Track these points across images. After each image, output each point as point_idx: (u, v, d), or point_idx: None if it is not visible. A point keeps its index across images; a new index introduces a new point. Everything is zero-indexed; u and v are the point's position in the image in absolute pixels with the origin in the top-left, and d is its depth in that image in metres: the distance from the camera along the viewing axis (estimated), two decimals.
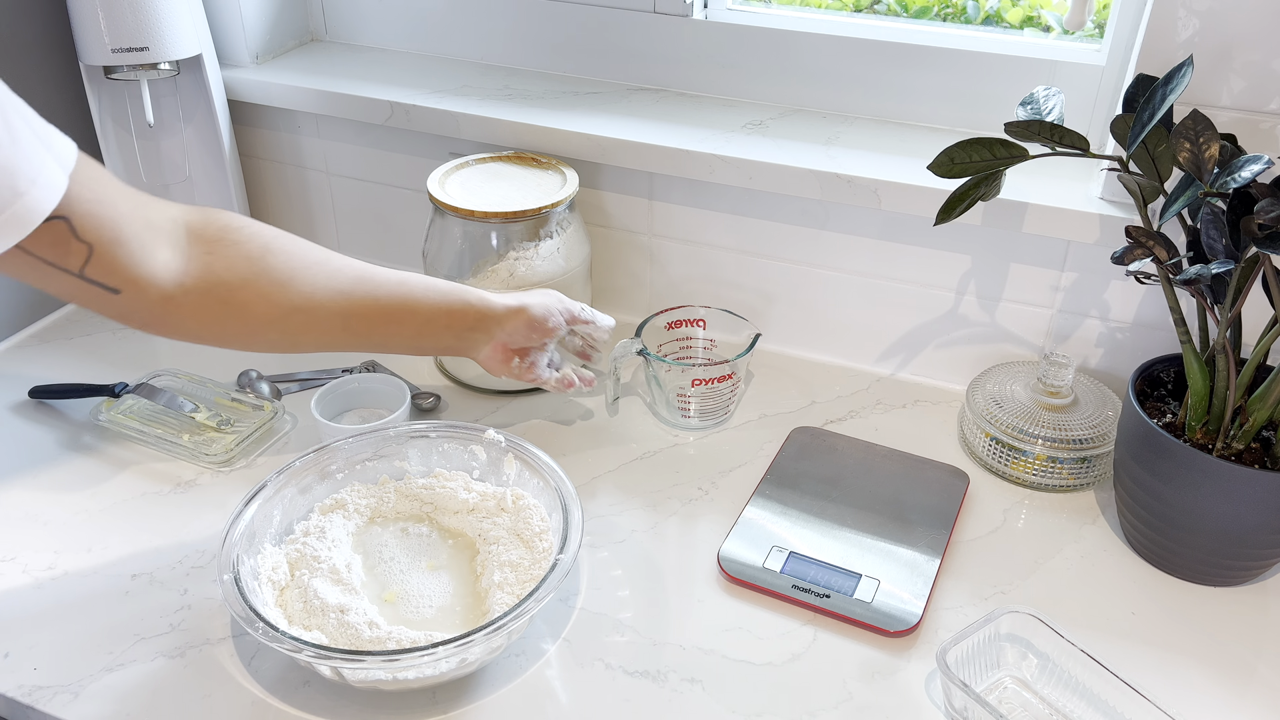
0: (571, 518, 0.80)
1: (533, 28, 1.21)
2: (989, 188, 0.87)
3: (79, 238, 0.66)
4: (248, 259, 0.77)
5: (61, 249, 0.66)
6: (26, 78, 1.12)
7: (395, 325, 0.85)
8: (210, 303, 0.75)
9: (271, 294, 0.78)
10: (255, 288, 0.77)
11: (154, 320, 0.74)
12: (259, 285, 0.77)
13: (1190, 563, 0.84)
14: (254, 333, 0.79)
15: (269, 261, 0.78)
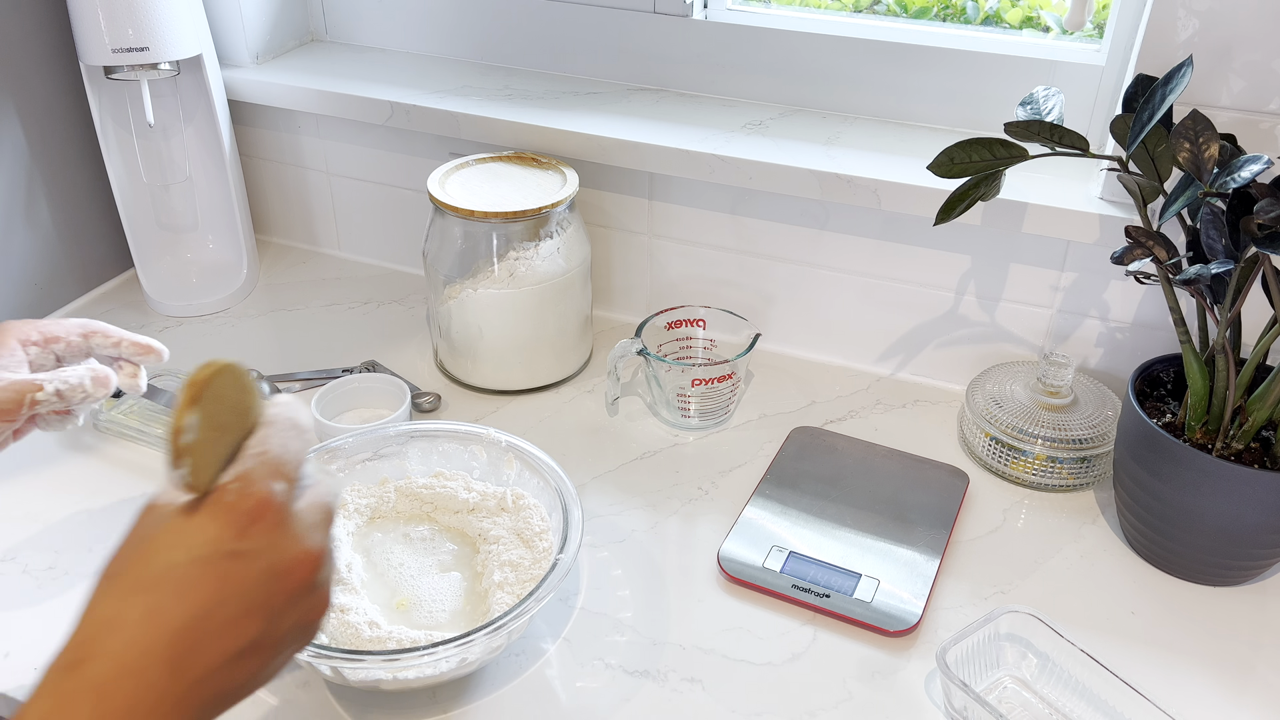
0: (571, 518, 0.80)
1: (533, 28, 1.21)
2: (989, 188, 0.87)
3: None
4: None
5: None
6: (26, 78, 1.12)
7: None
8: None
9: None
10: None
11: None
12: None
13: (1190, 563, 0.84)
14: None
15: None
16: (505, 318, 1.03)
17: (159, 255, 1.25)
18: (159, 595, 0.43)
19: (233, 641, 0.43)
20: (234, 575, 0.43)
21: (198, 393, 0.45)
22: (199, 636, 0.43)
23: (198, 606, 0.43)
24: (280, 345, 1.17)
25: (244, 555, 0.44)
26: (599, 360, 1.13)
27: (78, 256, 1.23)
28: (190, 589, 0.43)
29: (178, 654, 0.42)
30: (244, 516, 0.44)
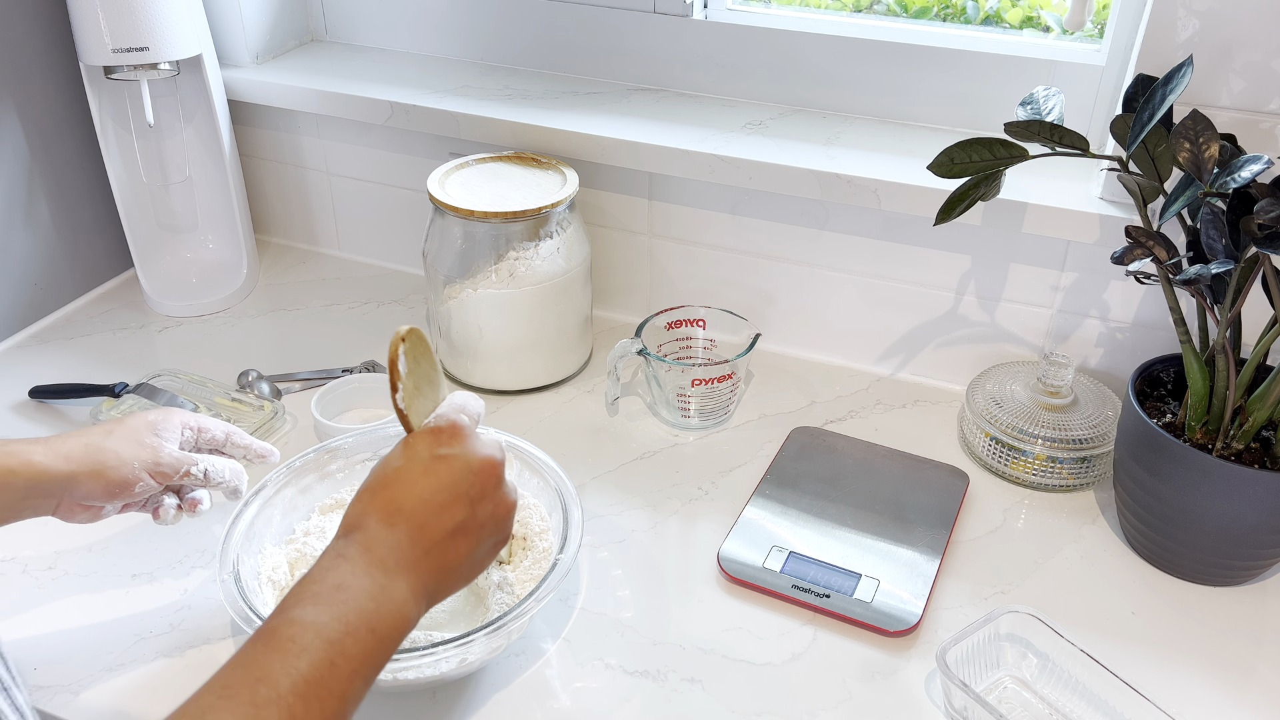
0: (571, 518, 0.80)
1: (533, 28, 1.21)
2: (989, 188, 0.87)
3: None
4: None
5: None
6: (26, 78, 1.12)
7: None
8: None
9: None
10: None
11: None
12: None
13: (1190, 563, 0.84)
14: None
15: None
16: (505, 318, 1.03)
17: (159, 255, 1.25)
18: (394, 489, 0.61)
19: (450, 518, 0.61)
20: (441, 471, 0.62)
21: (395, 354, 0.64)
22: (426, 514, 0.60)
23: (421, 492, 0.61)
24: (280, 345, 1.17)
25: (446, 458, 0.62)
26: (599, 360, 1.13)
27: (78, 256, 1.23)
28: (415, 480, 0.61)
29: (413, 526, 0.60)
30: (444, 434, 0.64)
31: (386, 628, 0.56)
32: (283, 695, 0.50)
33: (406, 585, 0.58)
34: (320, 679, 0.51)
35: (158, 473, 0.74)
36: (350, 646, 0.53)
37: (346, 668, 0.53)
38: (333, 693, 0.51)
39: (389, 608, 0.56)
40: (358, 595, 0.55)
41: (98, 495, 0.73)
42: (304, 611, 0.54)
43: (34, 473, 0.71)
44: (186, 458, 0.76)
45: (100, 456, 0.73)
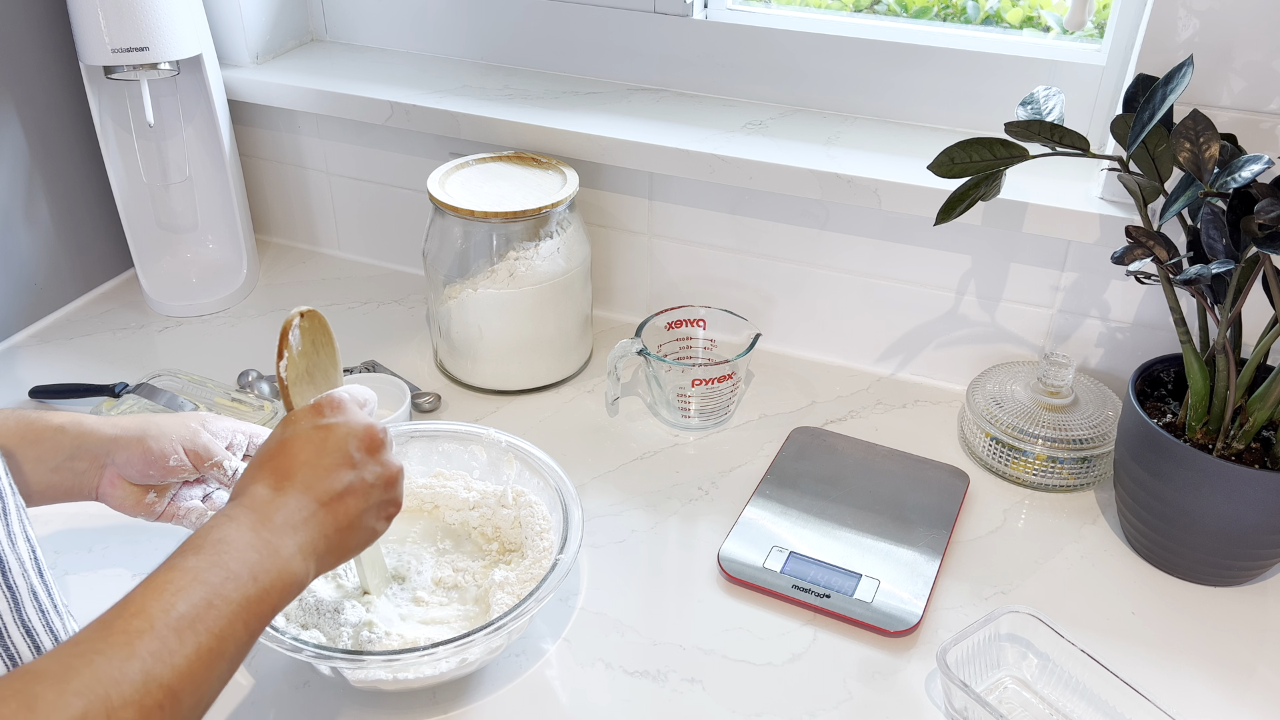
0: (571, 518, 0.80)
1: (533, 28, 1.21)
2: (989, 188, 0.87)
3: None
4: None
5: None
6: (26, 78, 1.12)
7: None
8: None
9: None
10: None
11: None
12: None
13: (1190, 563, 0.84)
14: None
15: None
16: (505, 318, 1.03)
17: (159, 255, 1.25)
18: (278, 459, 0.63)
19: (337, 480, 0.62)
20: (324, 437, 0.64)
21: (288, 326, 0.67)
22: (312, 476, 0.62)
23: (307, 458, 0.62)
24: None
25: (329, 426, 0.64)
26: (599, 360, 1.13)
27: (78, 256, 1.23)
28: (300, 448, 0.63)
29: (300, 488, 0.61)
30: (323, 406, 0.65)
31: (270, 579, 0.56)
32: (156, 628, 0.49)
33: (294, 543, 0.59)
34: (196, 615, 0.51)
35: (193, 450, 0.76)
36: (230, 590, 0.53)
37: (225, 609, 0.53)
38: (209, 630, 0.51)
39: (273, 561, 0.57)
40: (241, 548, 0.56)
41: (136, 464, 0.74)
42: (184, 560, 0.54)
43: (82, 431, 0.74)
44: (221, 449, 0.78)
45: (145, 426, 0.76)
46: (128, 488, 0.76)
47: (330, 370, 0.72)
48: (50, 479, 0.74)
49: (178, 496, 0.78)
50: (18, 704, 0.44)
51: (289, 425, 0.64)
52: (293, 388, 0.68)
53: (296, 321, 0.68)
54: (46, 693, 0.44)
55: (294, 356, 0.68)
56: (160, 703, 0.47)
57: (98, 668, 0.46)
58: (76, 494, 0.76)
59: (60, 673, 0.46)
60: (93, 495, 0.76)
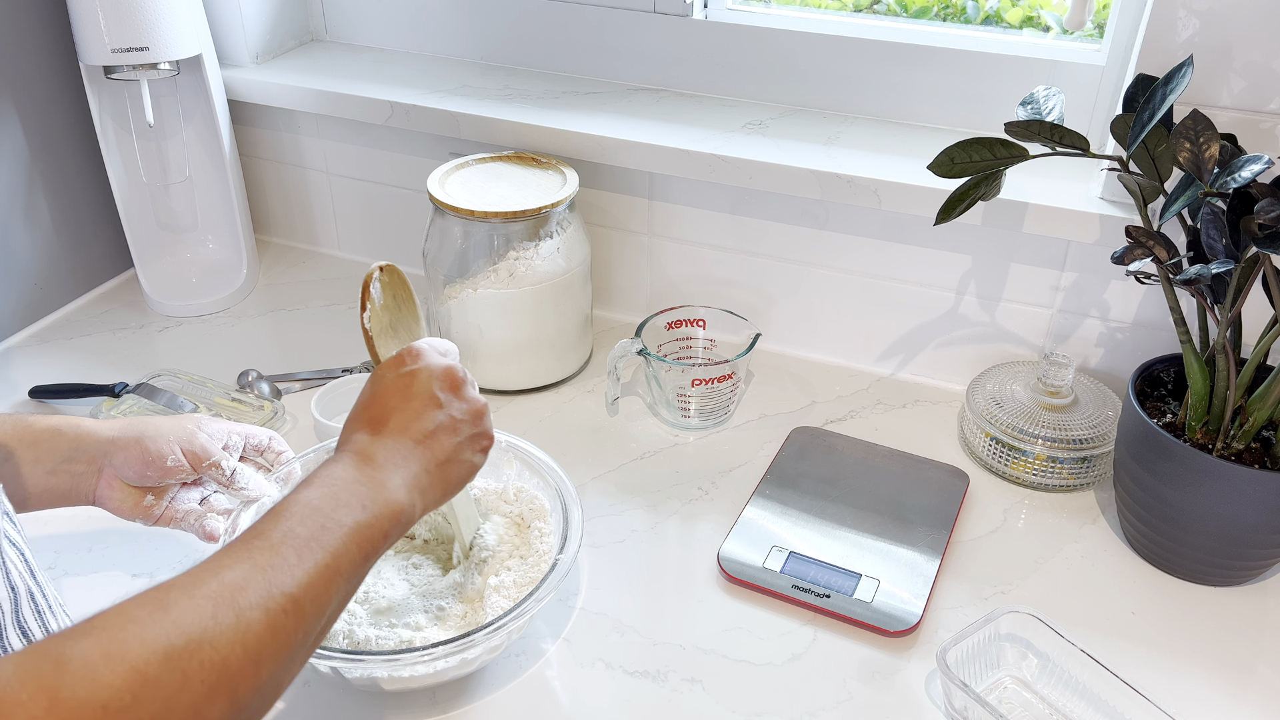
0: (571, 518, 0.80)
1: (533, 28, 1.21)
2: (989, 188, 0.87)
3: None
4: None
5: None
6: (26, 78, 1.12)
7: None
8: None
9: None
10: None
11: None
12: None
13: (1190, 563, 0.84)
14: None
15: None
16: (505, 318, 1.03)
17: (159, 255, 1.25)
18: (371, 409, 0.66)
19: (428, 419, 0.66)
20: (409, 384, 0.67)
21: (369, 280, 0.70)
22: (405, 419, 0.65)
23: (396, 403, 0.66)
24: (280, 345, 1.17)
25: (412, 373, 0.67)
26: (599, 360, 1.13)
27: (77, 256, 1.23)
28: (390, 396, 0.66)
29: (396, 430, 0.65)
30: (404, 356, 0.68)
31: (379, 508, 0.59)
32: (278, 548, 0.53)
33: (399, 478, 0.62)
34: (312, 536, 0.55)
35: (190, 451, 0.76)
36: (343, 516, 0.57)
37: (338, 531, 0.56)
38: (326, 549, 0.55)
39: (380, 493, 0.60)
40: (349, 481, 0.60)
41: (134, 465, 0.75)
42: (298, 494, 0.58)
43: (79, 433, 0.75)
44: (218, 450, 0.78)
45: (142, 428, 0.76)
46: (125, 490, 0.76)
47: (414, 325, 0.75)
48: (47, 482, 0.74)
49: (175, 499, 0.78)
50: (153, 606, 0.46)
51: (377, 378, 0.68)
52: (377, 339, 0.71)
53: (376, 275, 0.71)
54: (179, 597, 0.47)
55: (376, 309, 0.71)
56: (285, 608, 0.51)
57: (225, 578, 0.50)
58: (74, 497, 0.76)
59: (190, 583, 0.49)
60: (90, 499, 0.76)
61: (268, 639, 0.49)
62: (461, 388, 0.69)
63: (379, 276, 0.71)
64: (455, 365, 0.69)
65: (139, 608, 0.46)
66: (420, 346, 0.69)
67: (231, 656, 0.47)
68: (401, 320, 0.74)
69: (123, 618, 0.45)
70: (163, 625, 0.45)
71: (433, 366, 0.68)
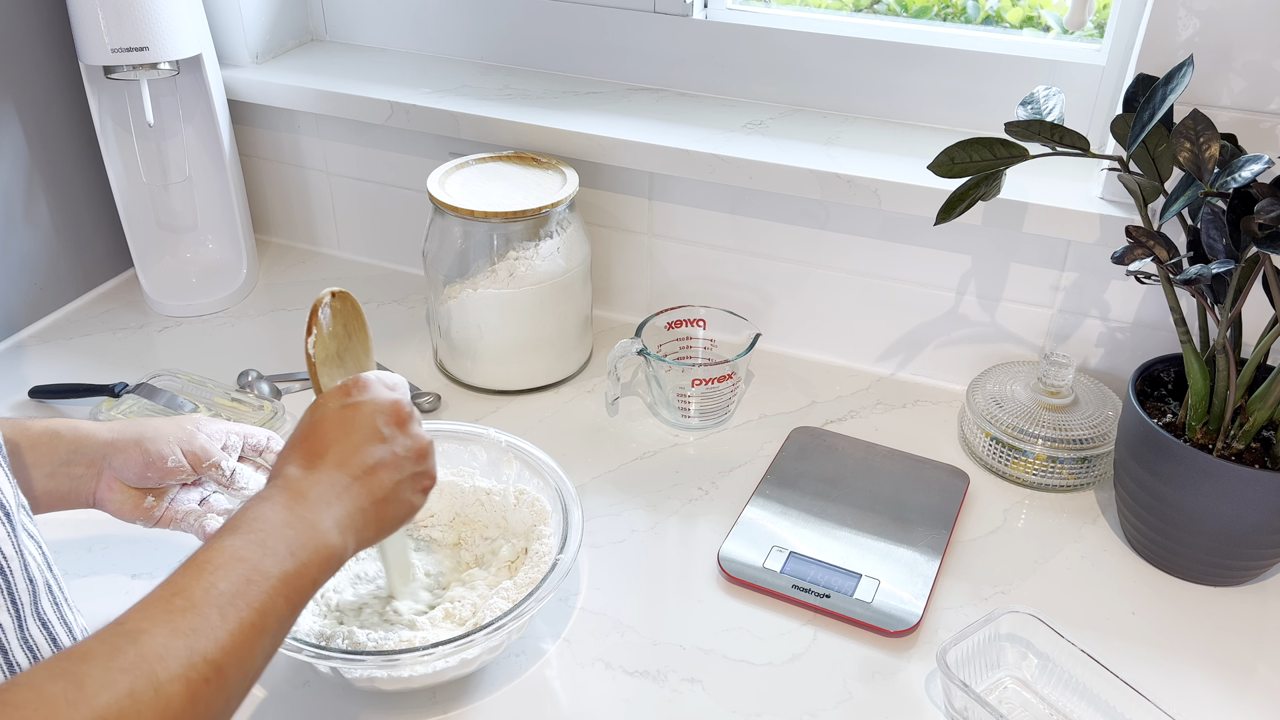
0: (571, 518, 0.80)
1: (533, 28, 1.21)
2: (989, 188, 0.87)
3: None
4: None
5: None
6: (26, 78, 1.12)
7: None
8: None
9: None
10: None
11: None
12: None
13: (1190, 563, 0.84)
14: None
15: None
16: (505, 318, 1.03)
17: (159, 255, 1.25)
18: (309, 441, 0.64)
19: (368, 455, 0.63)
20: (352, 416, 0.65)
21: (318, 305, 0.67)
22: (344, 453, 0.63)
23: (336, 436, 0.64)
24: (280, 345, 1.17)
25: (356, 404, 0.65)
26: (599, 360, 1.13)
27: (77, 256, 1.23)
28: (330, 428, 0.64)
29: (332, 465, 0.62)
30: (350, 387, 0.66)
31: (308, 554, 0.57)
32: (199, 606, 0.50)
33: (330, 517, 0.60)
34: (237, 592, 0.52)
35: (190, 451, 0.76)
36: (269, 566, 0.54)
37: (265, 584, 0.53)
38: (251, 605, 0.52)
39: (310, 536, 0.58)
40: (277, 525, 0.57)
41: (134, 466, 0.74)
42: (222, 540, 0.55)
43: (78, 435, 0.74)
44: (218, 450, 0.78)
45: (141, 429, 0.76)
46: (125, 491, 0.76)
47: (362, 357, 0.73)
48: (47, 485, 0.73)
49: (175, 500, 0.78)
50: (66, 682, 0.44)
51: (317, 408, 0.65)
52: (321, 368, 0.68)
53: (327, 300, 0.68)
54: (94, 671, 0.45)
55: (323, 335, 0.68)
56: (206, 677, 0.48)
57: (142, 645, 0.47)
58: (74, 500, 0.75)
59: (106, 652, 0.47)
60: (90, 501, 0.76)
61: (188, 712, 0.47)
62: (407, 424, 0.66)
63: (329, 302, 0.68)
64: (402, 400, 0.67)
65: (53, 683, 0.44)
66: (367, 378, 0.66)
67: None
68: (350, 350, 0.71)
69: (36, 695, 0.43)
70: (78, 707, 0.43)
71: (379, 399, 0.65)
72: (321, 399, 0.66)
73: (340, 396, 0.65)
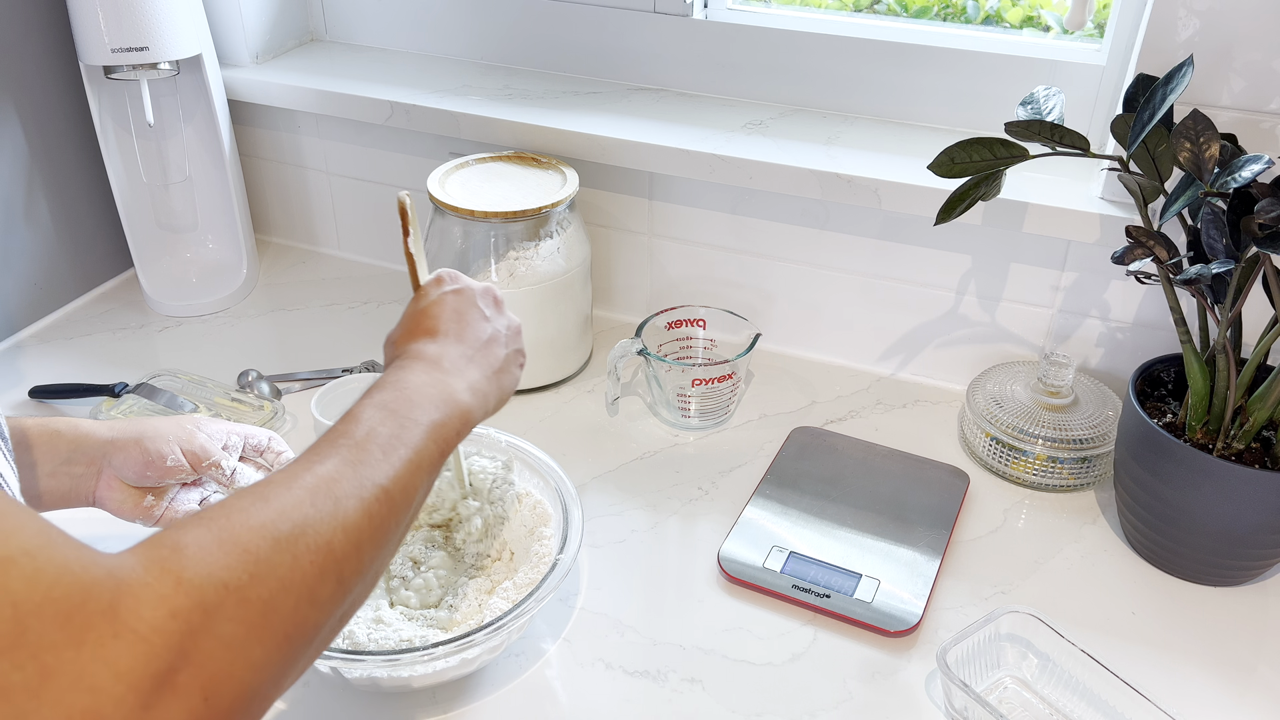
0: (571, 518, 0.80)
1: (533, 28, 1.21)
2: (989, 188, 0.87)
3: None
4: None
5: None
6: (26, 78, 1.12)
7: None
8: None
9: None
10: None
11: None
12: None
13: (1190, 563, 0.84)
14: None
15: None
16: None
17: (159, 255, 1.25)
18: (425, 321, 0.68)
19: (480, 329, 0.70)
20: (458, 300, 0.70)
21: (404, 205, 0.72)
22: (461, 327, 0.68)
23: (450, 314, 0.69)
24: (280, 345, 1.17)
25: (459, 290, 0.71)
26: (599, 360, 1.13)
27: (77, 256, 1.23)
28: (443, 310, 0.69)
29: (453, 338, 0.67)
30: (445, 278, 0.72)
31: (449, 409, 0.62)
32: (362, 444, 0.55)
33: (463, 381, 0.65)
34: (395, 435, 0.57)
35: (190, 451, 0.77)
36: (419, 415, 0.59)
37: (417, 430, 0.58)
38: (408, 445, 0.57)
39: (449, 394, 0.63)
40: (420, 385, 0.62)
41: (134, 465, 0.75)
42: (373, 397, 0.60)
43: (77, 435, 0.75)
44: (218, 449, 0.78)
45: (141, 428, 0.76)
46: (125, 490, 0.76)
47: (422, 256, 0.77)
48: (47, 484, 0.73)
49: (176, 500, 0.78)
50: (254, 498, 0.48)
51: (422, 296, 0.70)
52: (417, 261, 0.73)
53: (409, 200, 0.72)
54: (277, 490, 0.49)
55: (417, 232, 0.73)
56: (378, 497, 0.53)
57: (318, 471, 0.52)
58: (74, 499, 0.75)
59: (286, 478, 0.51)
60: (90, 500, 0.76)
61: (365, 525, 0.51)
62: (502, 305, 0.73)
63: (410, 203, 0.73)
64: (492, 285, 0.74)
65: (240, 500, 0.48)
66: (455, 271, 0.73)
67: (334, 540, 0.49)
68: (418, 251, 0.76)
69: (227, 509, 0.47)
70: (266, 513, 0.47)
71: (474, 286, 0.72)
72: (423, 289, 0.71)
73: (439, 285, 0.71)
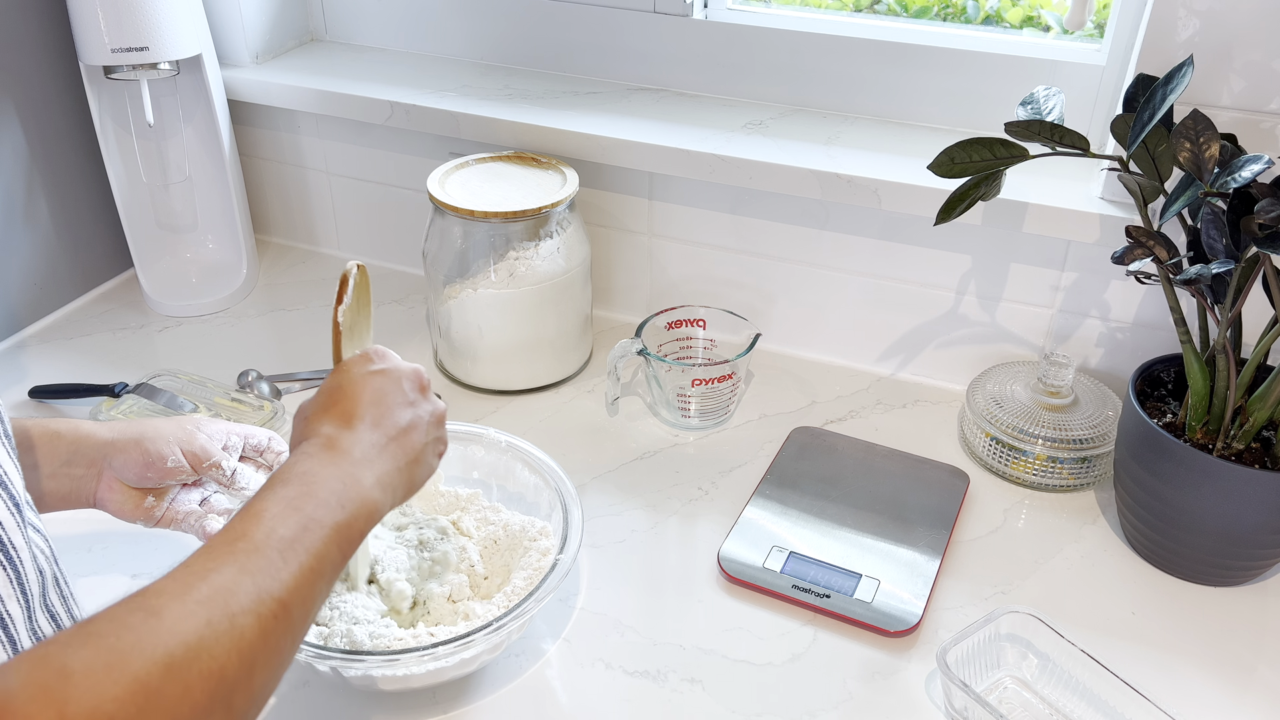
0: (571, 518, 0.80)
1: (532, 28, 1.21)
2: (989, 188, 0.87)
3: None
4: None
5: None
6: (26, 78, 1.12)
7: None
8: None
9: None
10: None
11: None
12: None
13: (1190, 563, 0.84)
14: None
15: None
16: (505, 318, 1.03)
17: (159, 255, 1.25)
18: (343, 402, 0.65)
19: (399, 416, 0.66)
20: (381, 380, 0.67)
21: (346, 275, 0.70)
22: (379, 413, 0.65)
23: (369, 397, 0.66)
24: (280, 345, 1.17)
25: (383, 370, 0.68)
26: (599, 360, 1.13)
27: (77, 256, 1.23)
28: (361, 391, 0.66)
29: (369, 424, 0.64)
30: (372, 355, 0.69)
31: (355, 507, 0.59)
32: (260, 548, 0.52)
33: (371, 474, 0.62)
34: (295, 538, 0.54)
35: (190, 451, 0.76)
36: (322, 515, 0.56)
37: (319, 532, 0.56)
38: (309, 550, 0.54)
39: (356, 490, 0.60)
40: (325, 479, 0.59)
41: (134, 466, 0.74)
42: (274, 491, 0.57)
43: (78, 436, 0.74)
44: (218, 450, 0.78)
45: (141, 429, 0.76)
46: (126, 491, 0.76)
47: (365, 331, 0.75)
48: (47, 485, 0.73)
49: (176, 500, 0.78)
50: (144, 614, 0.46)
51: (343, 372, 0.67)
52: (345, 335, 0.71)
53: (354, 272, 0.70)
54: (170, 604, 0.47)
55: (349, 305, 0.71)
56: (275, 613, 0.50)
57: (213, 582, 0.49)
58: (74, 500, 0.75)
59: (179, 589, 0.48)
60: (90, 501, 0.76)
61: (260, 645, 0.49)
62: (428, 390, 0.69)
63: (355, 275, 0.71)
64: (421, 368, 0.70)
65: (131, 614, 0.45)
66: (384, 349, 0.70)
67: (228, 664, 0.47)
68: (359, 323, 0.73)
69: (118, 625, 0.45)
70: (159, 634, 0.45)
71: (402, 367, 0.69)
72: (344, 365, 0.68)
73: (364, 363, 0.68)
